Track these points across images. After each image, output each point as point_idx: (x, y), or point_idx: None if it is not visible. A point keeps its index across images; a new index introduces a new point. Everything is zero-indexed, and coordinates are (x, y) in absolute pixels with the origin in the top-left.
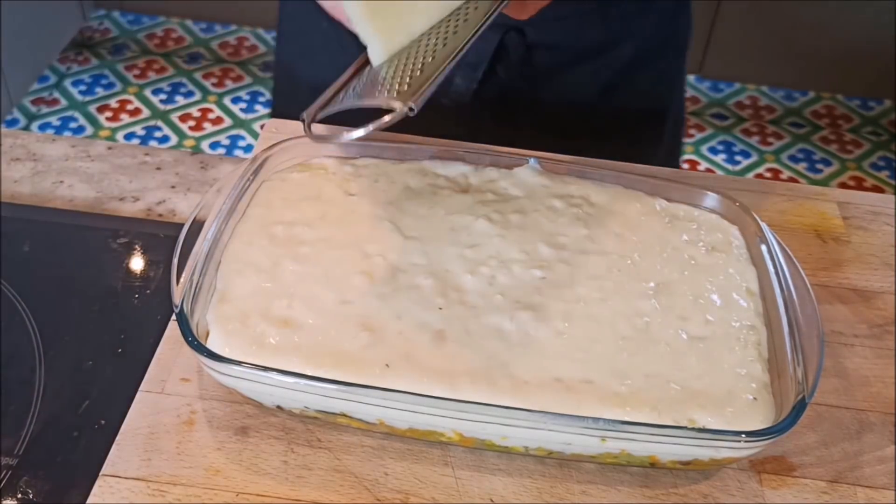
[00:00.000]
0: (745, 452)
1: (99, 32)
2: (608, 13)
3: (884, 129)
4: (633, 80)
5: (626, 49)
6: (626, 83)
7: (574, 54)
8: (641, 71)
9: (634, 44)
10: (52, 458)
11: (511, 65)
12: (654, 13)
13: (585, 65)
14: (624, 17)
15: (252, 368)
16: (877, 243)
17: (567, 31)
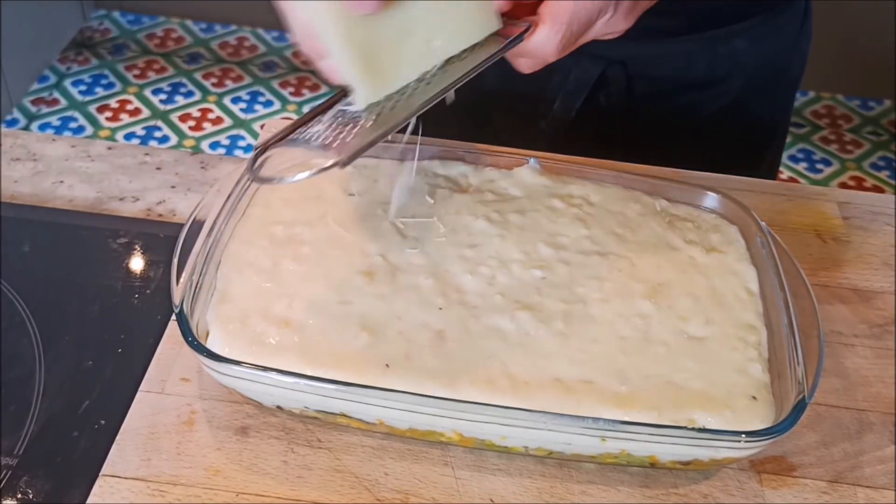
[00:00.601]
0: (745, 452)
1: (99, 32)
2: (715, 50)
3: (884, 129)
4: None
5: (735, 82)
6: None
7: (678, 86)
8: (750, 103)
9: (744, 78)
10: (52, 458)
11: (612, 93)
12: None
13: (689, 96)
14: (732, 55)
15: (252, 368)
16: (877, 243)
17: (672, 66)
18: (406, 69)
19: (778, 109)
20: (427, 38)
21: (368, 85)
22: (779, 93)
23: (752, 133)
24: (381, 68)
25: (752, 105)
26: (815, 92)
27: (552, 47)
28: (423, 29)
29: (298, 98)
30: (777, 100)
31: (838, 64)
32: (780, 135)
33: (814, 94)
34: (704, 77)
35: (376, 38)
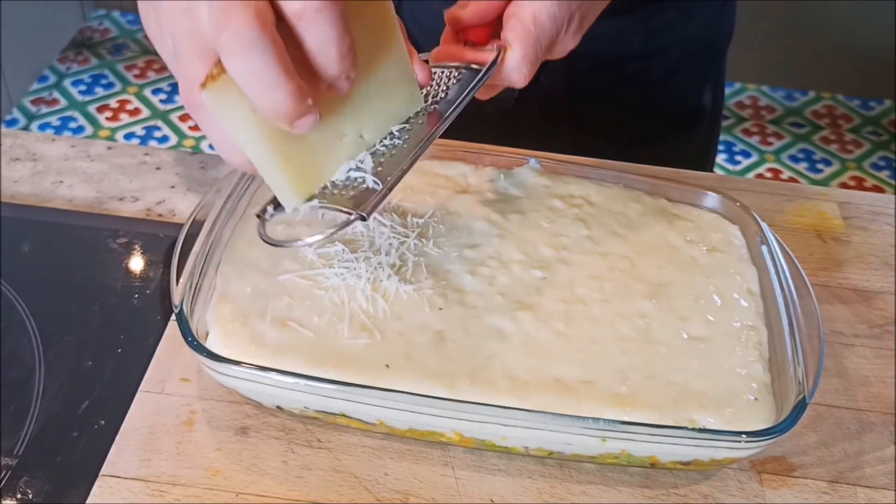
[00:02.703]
0: (745, 453)
1: (99, 32)
2: (648, 26)
3: (884, 128)
4: (675, 82)
5: (670, 55)
6: (668, 85)
7: (616, 61)
8: (684, 73)
9: (678, 49)
10: (51, 458)
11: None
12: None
13: (627, 69)
14: (666, 28)
15: (251, 369)
16: (877, 243)
17: (609, 42)
18: (335, 165)
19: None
20: (356, 134)
21: (299, 194)
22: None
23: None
24: (311, 175)
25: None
26: (816, 92)
27: (521, 74)
28: (352, 127)
29: None
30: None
31: (838, 64)
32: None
33: (814, 94)
34: (640, 50)
35: (307, 148)
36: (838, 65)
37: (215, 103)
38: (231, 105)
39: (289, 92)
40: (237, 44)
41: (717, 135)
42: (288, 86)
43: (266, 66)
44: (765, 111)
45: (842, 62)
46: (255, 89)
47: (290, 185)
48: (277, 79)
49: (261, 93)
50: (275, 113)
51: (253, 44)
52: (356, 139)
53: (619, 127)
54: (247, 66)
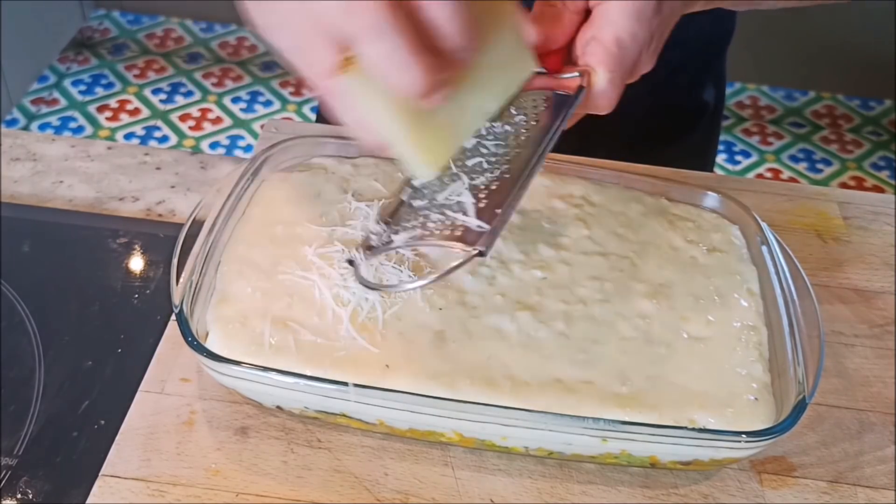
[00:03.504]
0: (745, 453)
1: (99, 32)
2: None
3: (884, 128)
4: (677, 81)
5: (673, 53)
6: (671, 83)
7: None
8: (687, 71)
9: (680, 48)
10: (51, 458)
11: None
12: (701, 17)
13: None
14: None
15: (252, 368)
16: (877, 243)
17: None
18: (461, 138)
19: (714, 75)
20: (478, 104)
21: (431, 167)
22: (712, 57)
23: (691, 99)
24: (441, 148)
25: (690, 71)
26: (816, 92)
27: (609, 98)
28: (474, 97)
29: (298, 98)
30: (712, 65)
31: (838, 64)
32: (716, 109)
33: (814, 94)
34: None
35: (436, 122)
36: (838, 65)
37: (353, 88)
38: (367, 87)
39: (422, 68)
40: (370, 30)
41: (718, 133)
42: (421, 62)
43: (399, 47)
44: (765, 111)
45: (842, 62)
46: (389, 70)
47: (423, 159)
48: (410, 58)
49: (395, 73)
50: (409, 90)
51: (385, 28)
52: (479, 109)
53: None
54: (381, 49)
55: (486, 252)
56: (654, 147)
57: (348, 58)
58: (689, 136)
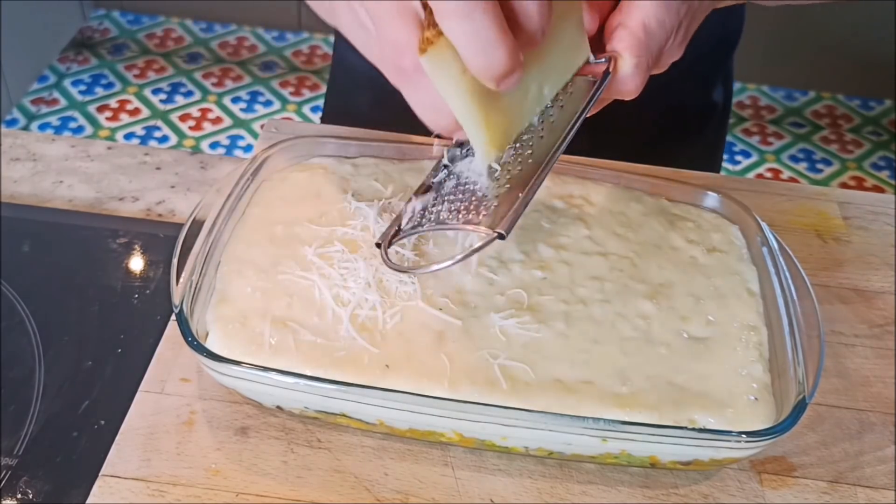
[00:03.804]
0: (745, 453)
1: (99, 32)
2: None
3: (884, 128)
4: (687, 81)
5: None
6: (681, 83)
7: None
8: (696, 71)
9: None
10: (51, 459)
11: None
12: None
13: None
14: None
15: (252, 369)
16: (877, 243)
17: None
18: (523, 120)
19: (723, 75)
20: (538, 89)
21: (497, 148)
22: (722, 57)
23: (699, 98)
24: (505, 130)
25: (698, 70)
26: (816, 92)
27: (634, 84)
28: (536, 82)
29: (298, 98)
30: (721, 65)
31: (838, 64)
32: (723, 108)
33: (814, 93)
34: None
35: (503, 106)
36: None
37: (433, 67)
38: (446, 67)
39: (506, 49)
40: (458, 5)
41: (725, 133)
42: (505, 43)
43: (487, 26)
44: (765, 111)
45: (842, 62)
46: (473, 50)
47: (490, 142)
48: (497, 38)
49: (479, 53)
50: (489, 72)
51: (476, 4)
52: (538, 94)
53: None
54: (468, 27)
55: (506, 235)
56: (665, 147)
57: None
58: (699, 135)
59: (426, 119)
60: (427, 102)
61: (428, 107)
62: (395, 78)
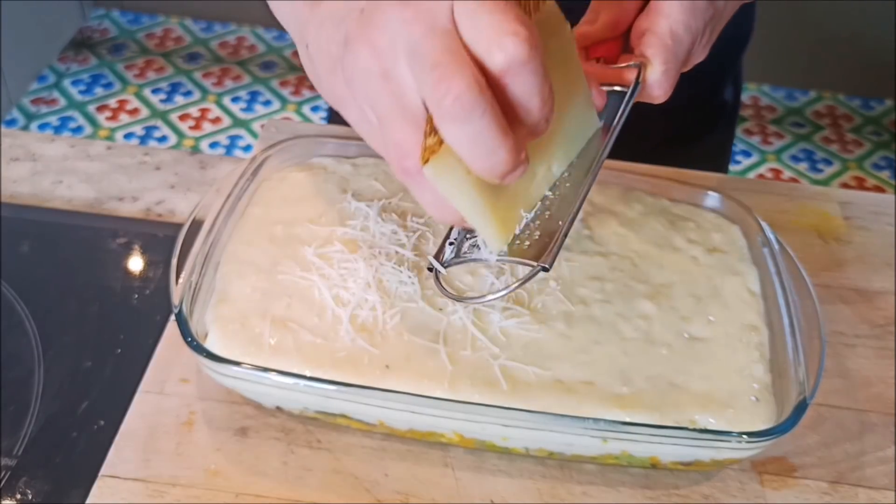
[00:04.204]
0: (746, 453)
1: (98, 32)
2: None
3: (885, 128)
4: (699, 80)
5: None
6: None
7: None
8: (708, 70)
9: None
10: (51, 459)
11: None
12: None
13: None
14: None
15: (251, 369)
16: (878, 243)
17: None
18: (530, 206)
19: (733, 73)
20: (546, 169)
21: (505, 237)
22: (734, 56)
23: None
24: (513, 216)
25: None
26: (817, 92)
27: (663, 89)
28: (543, 163)
29: (298, 98)
30: (732, 65)
31: (839, 64)
32: (731, 106)
33: (815, 93)
34: None
35: (509, 194)
36: (839, 64)
37: (436, 175)
38: (450, 172)
39: (508, 150)
40: (460, 110)
41: (734, 132)
42: (507, 144)
43: (487, 127)
44: (766, 111)
45: (843, 62)
46: (475, 153)
47: (498, 231)
48: (497, 139)
49: (482, 155)
50: (493, 172)
51: (474, 107)
52: (546, 174)
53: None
54: (469, 130)
55: (550, 268)
56: (675, 147)
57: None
58: (709, 135)
59: (433, 214)
60: (432, 200)
61: (434, 204)
62: (399, 176)
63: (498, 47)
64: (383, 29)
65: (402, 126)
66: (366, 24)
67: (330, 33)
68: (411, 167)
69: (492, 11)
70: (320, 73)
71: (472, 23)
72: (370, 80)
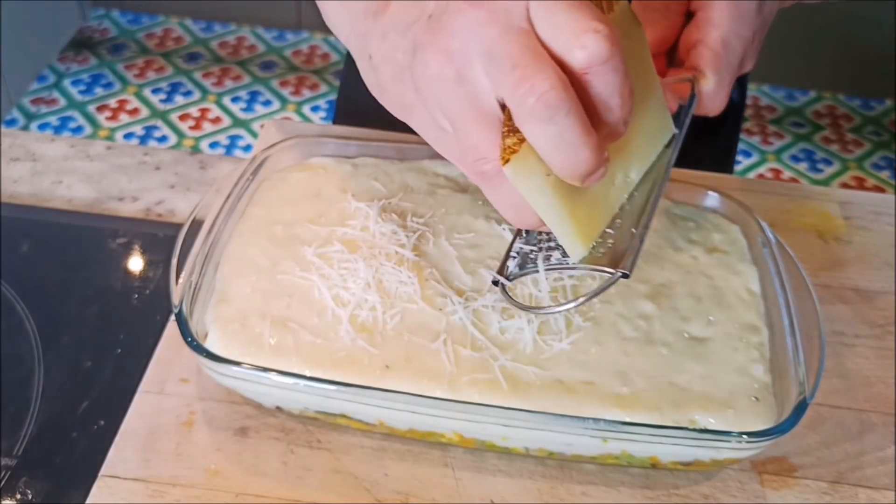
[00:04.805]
0: (746, 453)
1: (98, 32)
2: None
3: (885, 128)
4: None
5: None
6: None
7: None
8: None
9: None
10: (51, 459)
11: None
12: None
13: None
14: None
15: (251, 369)
16: (878, 243)
17: None
18: (610, 212)
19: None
20: (624, 176)
21: (586, 242)
22: None
23: None
24: (593, 223)
25: None
26: (817, 92)
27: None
28: (622, 169)
29: (298, 98)
30: None
31: (839, 64)
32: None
33: (815, 93)
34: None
35: (589, 200)
36: (839, 64)
37: (516, 176)
38: (530, 173)
39: (591, 149)
40: (544, 109)
41: (739, 132)
42: (590, 143)
43: (572, 126)
44: (766, 111)
45: (842, 62)
46: (558, 152)
47: (578, 236)
48: (581, 138)
49: (564, 155)
50: (575, 172)
51: (559, 106)
52: (624, 180)
53: None
54: (552, 130)
55: (630, 275)
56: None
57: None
58: (716, 135)
59: (509, 218)
60: (510, 202)
61: (511, 206)
62: (476, 179)
63: (578, 45)
64: (455, 32)
65: (478, 128)
66: (436, 30)
67: (395, 42)
68: (489, 169)
69: (569, 10)
70: (385, 83)
71: (549, 21)
72: (443, 85)
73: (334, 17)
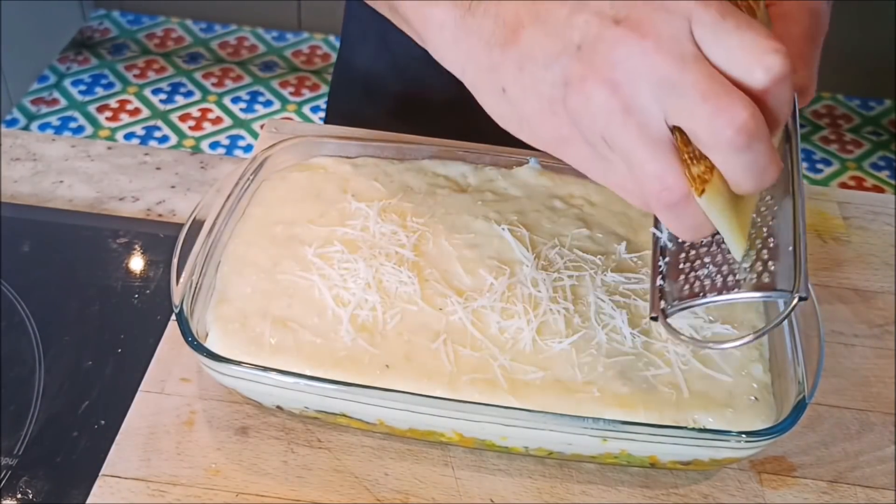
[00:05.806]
0: (745, 453)
1: (99, 32)
2: None
3: (884, 128)
4: None
5: None
6: None
7: None
8: None
9: None
10: (51, 459)
11: None
12: None
13: None
14: None
15: (252, 368)
16: (877, 243)
17: None
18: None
19: None
20: None
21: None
22: None
23: None
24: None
25: None
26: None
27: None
28: None
29: (298, 98)
30: None
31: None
32: None
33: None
34: None
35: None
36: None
37: (711, 204)
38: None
39: (776, 165)
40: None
41: None
42: (776, 160)
43: (764, 152)
44: None
45: (842, 62)
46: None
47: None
48: (771, 159)
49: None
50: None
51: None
52: None
53: None
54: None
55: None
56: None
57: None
58: None
59: (685, 236)
60: (691, 224)
61: (691, 227)
62: (657, 207)
63: (762, 67)
64: (618, 63)
65: (654, 157)
66: (593, 62)
67: (538, 74)
68: (676, 198)
69: (739, 30)
70: (528, 116)
71: (720, 44)
72: (611, 117)
73: (445, 49)
